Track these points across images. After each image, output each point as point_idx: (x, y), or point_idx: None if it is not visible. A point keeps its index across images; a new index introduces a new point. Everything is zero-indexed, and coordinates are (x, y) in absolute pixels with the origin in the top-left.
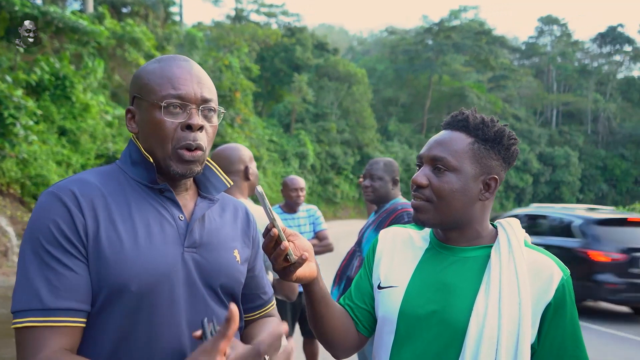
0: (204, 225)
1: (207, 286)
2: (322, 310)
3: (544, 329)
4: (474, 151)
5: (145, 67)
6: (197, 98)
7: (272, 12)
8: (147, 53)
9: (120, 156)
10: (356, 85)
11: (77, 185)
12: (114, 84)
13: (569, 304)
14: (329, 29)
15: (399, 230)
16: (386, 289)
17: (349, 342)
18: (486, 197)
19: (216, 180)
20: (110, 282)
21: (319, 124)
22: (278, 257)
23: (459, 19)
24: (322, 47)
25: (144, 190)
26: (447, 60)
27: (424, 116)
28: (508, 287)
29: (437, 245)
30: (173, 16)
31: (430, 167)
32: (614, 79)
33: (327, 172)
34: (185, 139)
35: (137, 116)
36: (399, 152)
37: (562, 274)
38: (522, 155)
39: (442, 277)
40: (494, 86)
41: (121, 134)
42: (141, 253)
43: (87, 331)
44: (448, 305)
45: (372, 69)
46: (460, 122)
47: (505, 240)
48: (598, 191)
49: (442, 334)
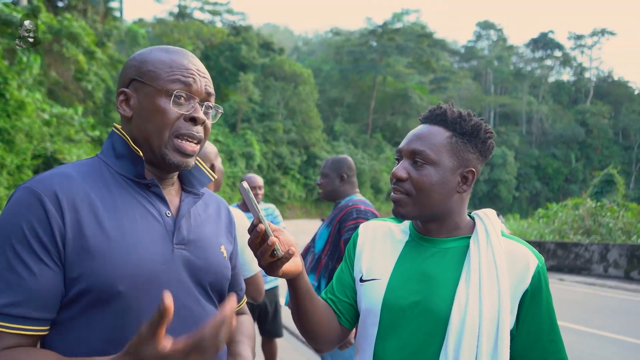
0: (190, 221)
1: (197, 283)
2: (306, 305)
3: (522, 315)
4: (452, 145)
5: (148, 53)
6: (202, 93)
7: (217, 10)
8: (86, 49)
9: (102, 149)
10: (302, 85)
11: (57, 182)
12: (50, 81)
13: (544, 290)
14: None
15: (379, 224)
16: (369, 282)
17: (331, 336)
18: (464, 190)
19: (200, 174)
20: (97, 282)
21: (265, 123)
22: (265, 253)
23: (401, 21)
24: (267, 46)
25: (129, 185)
26: (391, 62)
27: (369, 116)
28: (487, 276)
29: (417, 238)
30: (113, 11)
31: (409, 160)
32: (545, 82)
33: (274, 172)
34: (188, 129)
35: (134, 100)
36: (345, 151)
37: (538, 261)
38: None
39: (424, 269)
40: (436, 88)
41: (59, 134)
42: (129, 252)
43: (77, 331)
44: (430, 296)
45: (317, 69)
46: (438, 116)
47: (483, 230)
48: (532, 189)
49: (425, 324)
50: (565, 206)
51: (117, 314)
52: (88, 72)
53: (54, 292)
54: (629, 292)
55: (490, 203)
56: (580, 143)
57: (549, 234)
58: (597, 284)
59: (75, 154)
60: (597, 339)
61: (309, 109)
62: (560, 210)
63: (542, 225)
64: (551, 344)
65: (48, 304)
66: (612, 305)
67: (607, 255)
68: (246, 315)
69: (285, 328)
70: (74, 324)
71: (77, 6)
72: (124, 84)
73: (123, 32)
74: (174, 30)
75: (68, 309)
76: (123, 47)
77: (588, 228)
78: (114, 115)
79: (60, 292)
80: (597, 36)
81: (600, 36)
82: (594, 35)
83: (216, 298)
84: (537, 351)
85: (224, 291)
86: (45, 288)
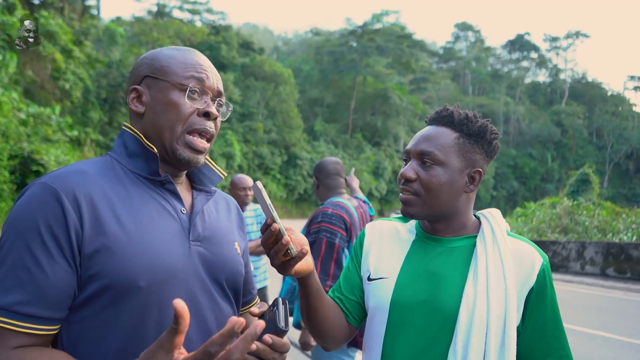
0: (205, 218)
1: (214, 280)
2: (316, 303)
3: (528, 312)
4: (460, 145)
5: (160, 51)
6: (214, 90)
7: (196, 10)
8: (63, 47)
9: (113, 147)
10: (282, 85)
11: (74, 178)
12: (27, 80)
13: (549, 288)
14: (254, 29)
15: (385, 224)
16: (377, 281)
17: (339, 334)
18: (471, 190)
19: (210, 173)
20: (118, 278)
21: (245, 123)
22: (279, 252)
23: (381, 22)
24: (247, 46)
25: (143, 183)
26: (371, 62)
27: (349, 116)
28: (494, 274)
29: (424, 237)
30: (90, 10)
31: (417, 161)
32: (522, 83)
33: (255, 172)
34: (201, 124)
35: (146, 96)
36: (325, 151)
37: (543, 260)
38: None
39: (431, 267)
40: (415, 88)
41: (37, 133)
42: (149, 248)
43: (95, 329)
44: (438, 294)
45: (297, 69)
46: (445, 117)
47: (489, 229)
48: (510, 188)
49: (433, 322)
50: (542, 205)
51: (136, 311)
52: (65, 70)
53: (65, 291)
54: (605, 288)
55: None
56: (556, 143)
57: (527, 232)
58: (575, 281)
59: (53, 154)
60: (576, 334)
61: (290, 109)
62: (538, 209)
63: (521, 224)
64: (556, 340)
65: (59, 304)
66: (589, 301)
67: (583, 252)
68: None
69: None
70: (93, 322)
71: (54, 4)
72: (136, 81)
73: (101, 31)
74: (153, 29)
75: (87, 307)
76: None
77: (565, 226)
78: (92, 115)
79: (72, 291)
80: (572, 38)
81: (574, 38)
82: (568, 38)
83: (232, 295)
84: (542, 347)
85: (239, 288)
86: (57, 287)
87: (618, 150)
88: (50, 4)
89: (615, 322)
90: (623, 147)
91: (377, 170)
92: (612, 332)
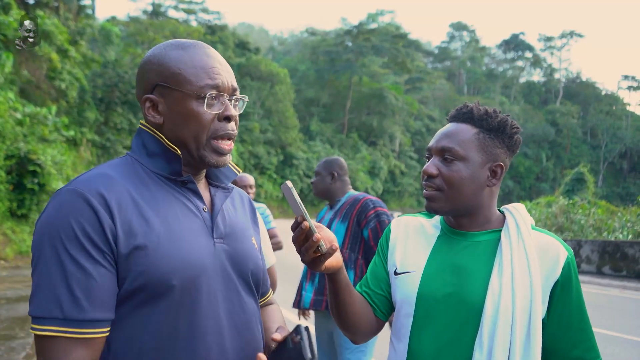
0: (225, 215)
1: (239, 276)
2: (346, 298)
3: (553, 305)
4: (480, 140)
5: (164, 53)
6: (229, 87)
7: (192, 9)
8: (59, 47)
9: (132, 147)
10: (278, 85)
11: (100, 182)
12: (22, 80)
13: (574, 281)
14: (250, 28)
15: (410, 219)
16: (403, 275)
17: (367, 327)
18: (493, 184)
19: (226, 169)
20: (152, 278)
21: (241, 123)
22: (309, 249)
23: (376, 22)
24: (243, 46)
25: (165, 183)
26: (366, 62)
27: (345, 116)
28: (519, 267)
29: (449, 232)
30: (86, 9)
31: (439, 157)
32: (517, 82)
33: (251, 172)
34: (224, 129)
35: (162, 106)
36: (321, 151)
37: (567, 253)
38: None
39: (456, 261)
40: (410, 88)
41: (33, 133)
42: (178, 247)
43: (128, 328)
44: (464, 287)
45: (293, 69)
46: (465, 114)
47: (513, 223)
48: (505, 187)
49: (459, 314)
50: (538, 204)
51: (169, 309)
52: (61, 70)
53: (112, 292)
54: (602, 286)
55: None
56: (550, 142)
57: None
58: None
59: (50, 154)
60: None
61: (286, 109)
62: (534, 208)
63: None
64: (582, 333)
65: (108, 304)
66: (586, 299)
67: (579, 251)
68: (274, 304)
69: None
70: (127, 322)
71: (49, 3)
72: (147, 89)
73: (96, 31)
74: (148, 28)
75: (122, 307)
76: (96, 46)
77: (561, 225)
78: (88, 115)
79: (115, 291)
80: (566, 38)
81: (569, 38)
82: (563, 37)
83: (256, 289)
84: (568, 339)
85: (260, 282)
86: (104, 288)
87: (612, 150)
88: (45, 4)
89: (612, 319)
90: (617, 146)
91: (372, 169)
92: (609, 329)
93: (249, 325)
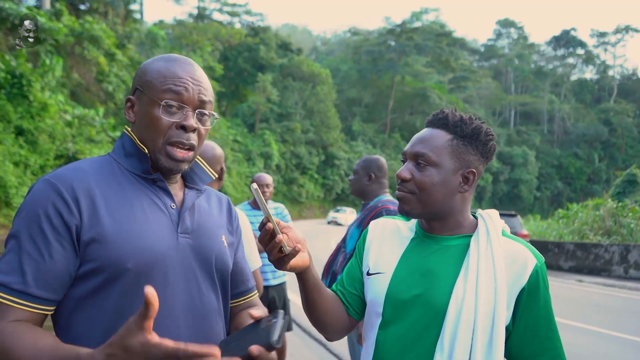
0: (194, 213)
1: (203, 270)
2: (315, 297)
3: (519, 312)
4: (453, 147)
5: (151, 62)
6: (195, 101)
7: (235, 12)
8: (107, 51)
9: (114, 147)
10: (320, 85)
11: (73, 174)
12: (72, 83)
13: (542, 289)
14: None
15: (388, 222)
16: (374, 275)
17: (340, 325)
18: (465, 190)
19: (202, 173)
20: (110, 262)
21: (283, 123)
22: (273, 249)
23: (420, 20)
24: (286, 47)
25: (137, 180)
26: (410, 61)
27: (387, 116)
28: (485, 273)
29: (422, 235)
30: (133, 14)
31: (413, 162)
32: (567, 80)
33: (292, 172)
34: (178, 136)
35: (137, 107)
36: (363, 151)
37: (537, 261)
38: None
39: (426, 264)
40: (455, 87)
41: (81, 134)
42: (139, 234)
43: (85, 309)
44: (430, 290)
45: (335, 69)
46: (441, 120)
47: (484, 229)
48: (554, 189)
49: (424, 316)
50: (585, 206)
51: (125, 293)
52: (109, 73)
53: (62, 275)
54: None
55: (510, 203)
56: (603, 142)
57: (568, 234)
58: (617, 286)
59: (97, 154)
60: (618, 341)
61: (327, 109)
62: (581, 211)
63: (562, 226)
64: (548, 341)
65: (55, 286)
66: (632, 307)
67: (627, 256)
68: (259, 307)
69: (298, 325)
70: (87, 302)
71: (98, 9)
72: (131, 91)
73: (143, 34)
74: (192, 31)
75: (81, 288)
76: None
77: (608, 229)
78: None
79: (69, 275)
80: (621, 33)
81: (624, 33)
82: (617, 33)
83: (220, 285)
84: (534, 347)
85: (227, 279)
86: (53, 271)
87: None
88: (95, 10)
89: None
90: None
91: None
92: None
93: (207, 318)
